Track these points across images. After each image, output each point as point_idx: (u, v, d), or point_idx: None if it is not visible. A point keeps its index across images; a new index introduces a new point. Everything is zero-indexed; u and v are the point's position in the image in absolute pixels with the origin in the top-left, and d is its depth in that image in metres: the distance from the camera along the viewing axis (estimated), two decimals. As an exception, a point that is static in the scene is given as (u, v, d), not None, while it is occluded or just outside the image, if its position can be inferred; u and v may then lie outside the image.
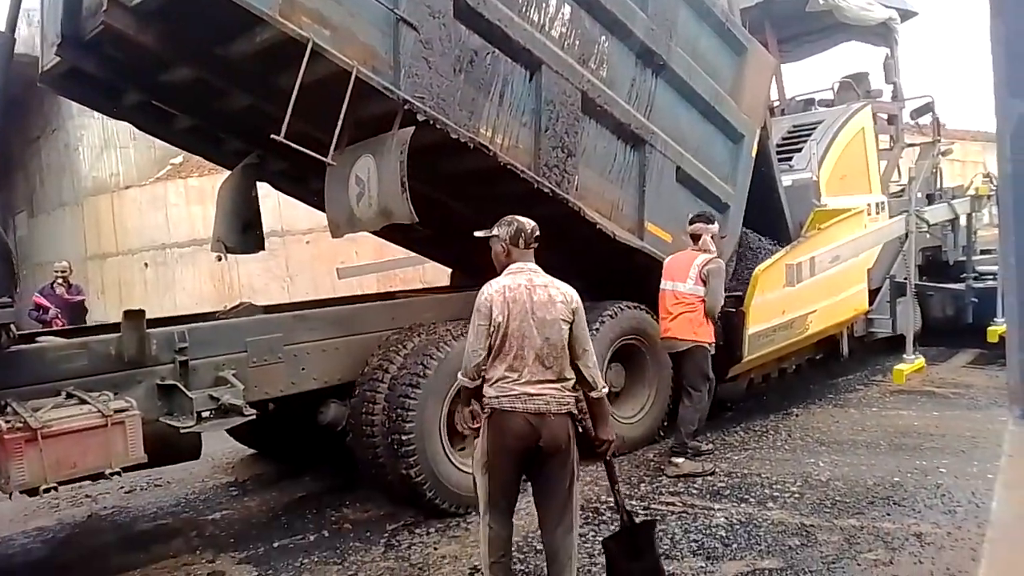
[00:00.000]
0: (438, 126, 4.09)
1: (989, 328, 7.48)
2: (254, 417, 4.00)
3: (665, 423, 5.74)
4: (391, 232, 6.12)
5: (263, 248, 5.66)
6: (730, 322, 5.61)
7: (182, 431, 3.80)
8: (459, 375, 3.23)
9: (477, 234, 3.40)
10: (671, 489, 4.84)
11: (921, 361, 6.27)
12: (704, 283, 5.11)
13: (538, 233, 3.28)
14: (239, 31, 3.80)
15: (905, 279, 6.97)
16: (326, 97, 3.76)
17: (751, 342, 5.60)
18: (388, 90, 3.87)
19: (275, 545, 4.40)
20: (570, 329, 3.11)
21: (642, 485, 4.95)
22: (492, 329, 3.07)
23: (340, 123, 3.73)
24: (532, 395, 3.05)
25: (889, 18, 8.20)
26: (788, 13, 7.87)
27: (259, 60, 4.03)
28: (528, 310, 3.06)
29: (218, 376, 4.07)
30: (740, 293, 5.77)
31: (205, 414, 3.87)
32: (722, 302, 5.17)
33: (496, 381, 3.09)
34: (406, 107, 3.94)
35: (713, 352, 5.22)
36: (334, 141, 3.77)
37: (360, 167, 4.15)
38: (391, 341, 4.58)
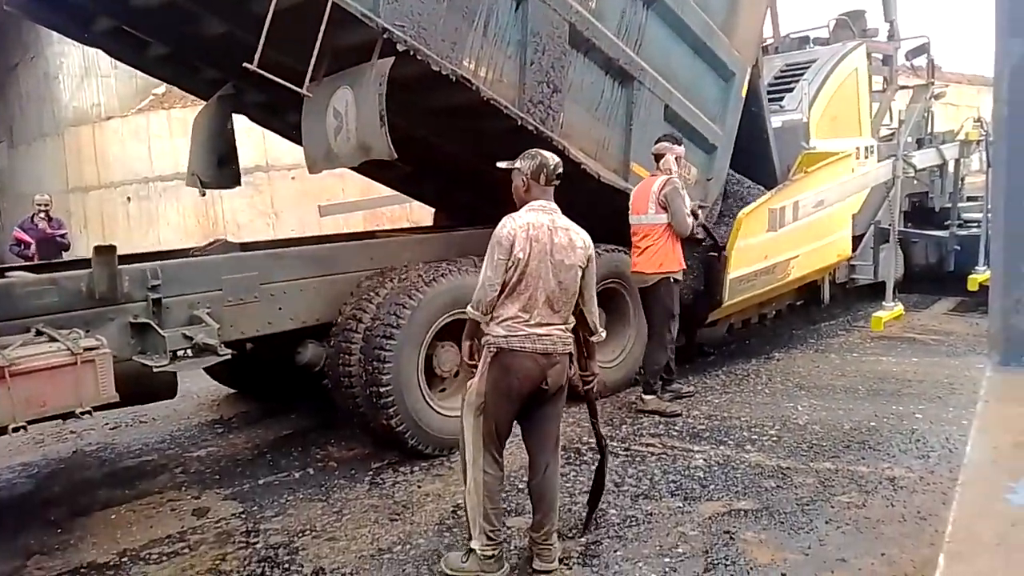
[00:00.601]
0: (419, 57, 3.91)
1: (970, 276, 7.49)
2: (229, 357, 3.94)
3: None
4: (371, 169, 5.98)
5: (239, 183, 5.50)
6: (711, 266, 5.55)
7: (155, 370, 3.72)
8: (469, 308, 3.13)
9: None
10: (652, 431, 4.89)
11: (900, 309, 6.27)
12: (665, 209, 4.99)
13: (561, 170, 3.20)
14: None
15: (890, 225, 6.92)
16: (302, 24, 3.58)
17: (732, 287, 5.55)
18: (367, 17, 3.68)
19: (260, 482, 4.40)
20: (583, 274, 3.11)
21: (623, 427, 4.99)
22: (511, 264, 3.00)
23: (316, 52, 3.55)
24: (540, 335, 3.02)
25: (891, -48, 7.96)
26: (785, -54, 7.61)
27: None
28: (548, 251, 3.02)
29: (192, 315, 3.97)
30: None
31: (179, 353, 3.81)
32: (690, 221, 5.02)
33: (505, 320, 3.02)
34: (385, 36, 3.76)
35: (679, 280, 5.13)
36: (309, 71, 3.60)
37: (338, 99, 3.99)
38: (364, 288, 4.48)
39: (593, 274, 3.19)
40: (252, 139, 7.67)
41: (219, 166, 5.27)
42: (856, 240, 7.53)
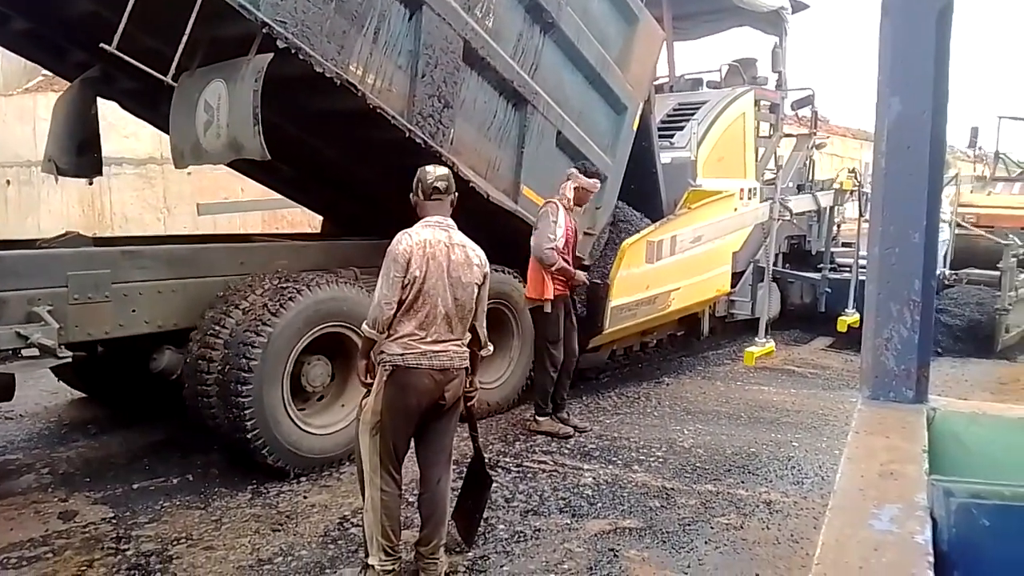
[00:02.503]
0: (301, 56, 3.74)
1: (840, 318, 7.87)
2: (69, 360, 3.64)
3: (525, 387, 5.73)
4: (250, 169, 5.74)
5: (100, 173, 5.13)
6: (594, 294, 5.60)
7: (-19, 370, 3.39)
8: (365, 326, 3.09)
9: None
10: (544, 448, 4.99)
11: (771, 346, 6.53)
12: None
13: (441, 184, 3.19)
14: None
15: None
16: (177, 10, 3.37)
17: (613, 314, 5.61)
18: (244, 8, 3.49)
19: (134, 486, 4.21)
20: (478, 291, 3.14)
21: (516, 443, 5.07)
22: (407, 282, 2.99)
23: (184, 40, 3.34)
24: (437, 352, 3.03)
25: (781, 7, 8.34)
26: (685, -11, 7.85)
27: (98, -41, 3.56)
28: (444, 268, 3.03)
29: (31, 312, 3.64)
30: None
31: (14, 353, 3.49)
32: (546, 245, 4.92)
33: (401, 337, 3.01)
34: (265, 30, 3.58)
35: (548, 310, 5.07)
36: (176, 59, 3.37)
37: (210, 93, 3.77)
38: (234, 288, 4.24)
39: (487, 290, 3.24)
40: (148, 129, 7.24)
41: (78, 153, 4.90)
42: (737, 277, 7.79)
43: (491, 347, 3.41)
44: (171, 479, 4.32)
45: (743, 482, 4.49)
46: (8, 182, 11.61)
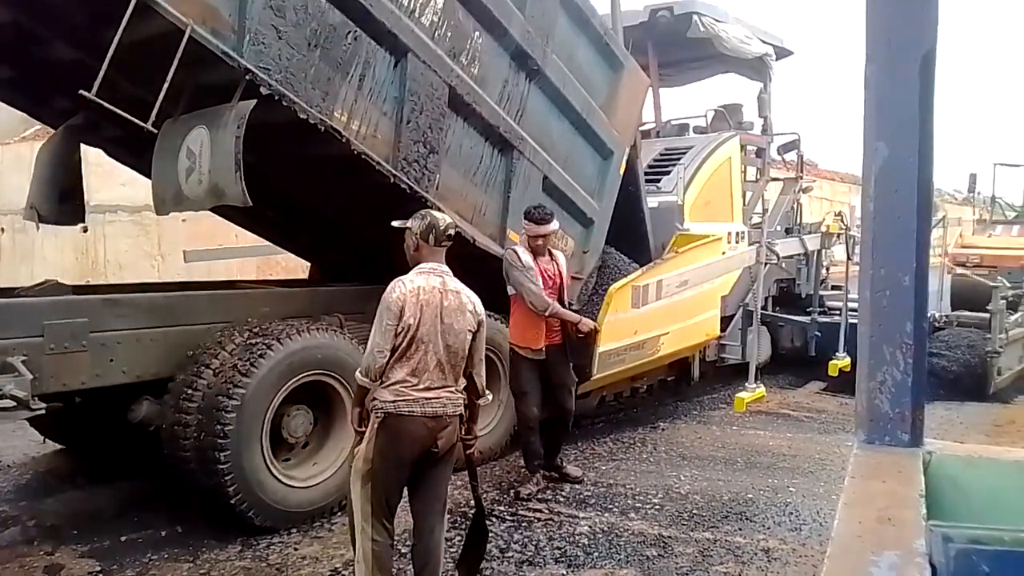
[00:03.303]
0: (285, 103, 3.74)
1: (830, 362, 7.81)
2: (42, 412, 3.56)
3: (514, 433, 5.59)
4: (236, 215, 5.70)
5: (83, 220, 5.08)
6: (582, 339, 5.52)
7: (-53, 422, 3.28)
8: (358, 373, 3.08)
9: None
10: (539, 496, 4.91)
11: (762, 391, 6.47)
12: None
13: (452, 232, 3.23)
14: (57, -29, 3.34)
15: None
16: (162, 57, 3.36)
17: (601, 360, 5.53)
18: (227, 56, 3.49)
19: (122, 539, 4.13)
20: (472, 338, 3.12)
21: (511, 491, 4.96)
22: (401, 329, 2.98)
23: (166, 86, 3.32)
24: (429, 399, 3.01)
25: (765, 54, 8.47)
26: (670, 37, 7.95)
27: (82, 7, 3.59)
28: (438, 315, 3.02)
29: (5, 362, 3.55)
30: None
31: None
32: (534, 291, 4.71)
33: (394, 384, 3.00)
34: (248, 77, 3.58)
35: (524, 356, 4.88)
36: (156, 106, 3.35)
37: (192, 139, 3.74)
38: (214, 336, 4.16)
39: (483, 339, 3.21)
40: (143, 177, 7.19)
41: (60, 200, 4.85)
42: (726, 321, 7.75)
43: (489, 396, 3.38)
44: (159, 531, 4.24)
45: (740, 529, 4.44)
46: (2, 230, 11.62)
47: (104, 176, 8.59)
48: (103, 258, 11.17)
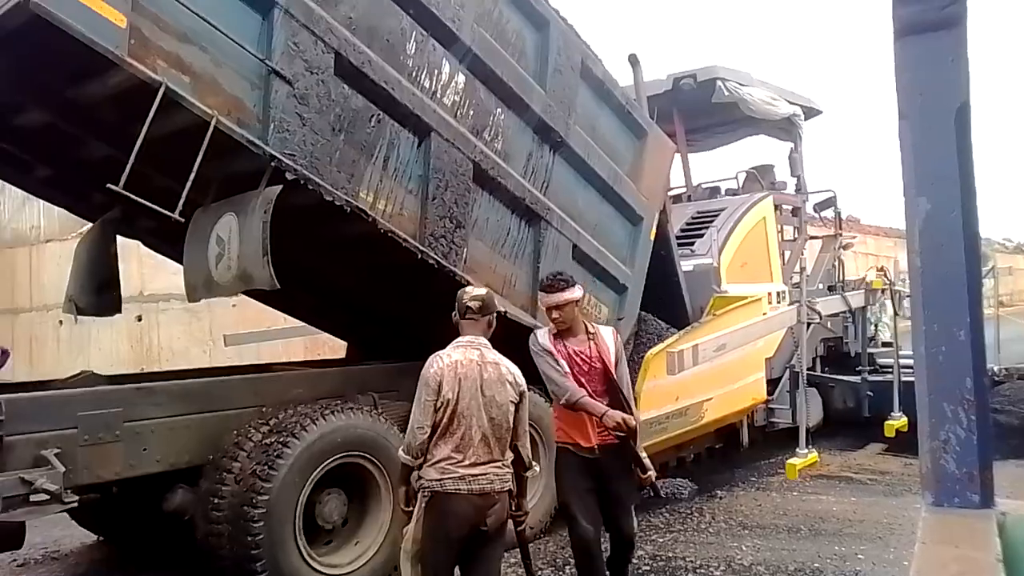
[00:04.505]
0: (310, 187, 3.80)
1: (886, 422, 7.49)
2: (76, 505, 3.53)
3: (557, 508, 5.37)
4: (270, 298, 5.75)
5: (119, 311, 5.17)
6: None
7: (-17, 519, 3.28)
8: (401, 452, 3.08)
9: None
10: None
11: (814, 456, 6.21)
12: None
13: (475, 304, 3.21)
14: (88, 73, 3.46)
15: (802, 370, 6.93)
16: (190, 149, 3.45)
17: (642, 429, 5.34)
18: (253, 144, 3.58)
19: None
20: (516, 410, 3.08)
21: (567, 567, 4.78)
22: (440, 404, 2.97)
23: (192, 176, 3.39)
24: (476, 476, 2.97)
25: (793, 114, 8.46)
26: (695, 104, 8.01)
27: (113, 106, 3.71)
28: (478, 387, 3.00)
29: (39, 455, 3.56)
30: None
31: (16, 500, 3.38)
32: (552, 377, 3.71)
33: (439, 461, 2.97)
34: (273, 164, 3.65)
35: (574, 454, 3.73)
36: (183, 195, 3.42)
37: (222, 226, 3.80)
38: (246, 421, 4.14)
39: (526, 410, 3.18)
40: None
41: (98, 292, 4.96)
42: (774, 384, 7.52)
43: (537, 468, 3.33)
44: None
45: None
46: (60, 322, 11.94)
47: (156, 267, 8.85)
48: (157, 345, 11.41)
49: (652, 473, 3.74)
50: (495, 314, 3.26)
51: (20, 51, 3.49)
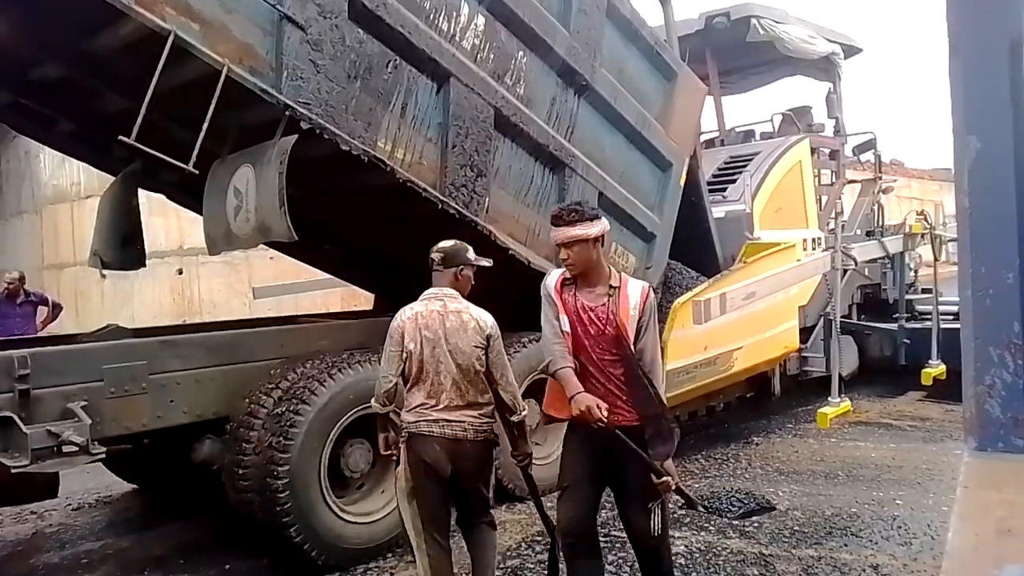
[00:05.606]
0: (326, 136, 3.72)
1: (923, 370, 7.33)
2: (103, 456, 3.59)
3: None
4: (294, 250, 5.76)
5: (144, 265, 5.21)
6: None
7: (13, 471, 3.34)
8: (372, 401, 3.25)
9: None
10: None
11: (847, 404, 6.10)
12: None
13: (437, 256, 3.34)
14: (100, 23, 3.41)
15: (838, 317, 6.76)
16: (204, 99, 3.38)
17: (669, 378, 5.28)
18: (266, 93, 3.49)
19: (227, 567, 4.27)
20: (485, 354, 3.13)
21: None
22: (404, 356, 3.13)
23: (205, 127, 3.33)
24: (450, 421, 3.09)
25: (832, 53, 8.12)
26: (729, 44, 7.71)
27: (126, 57, 3.63)
28: (441, 336, 3.11)
29: (66, 408, 3.61)
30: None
31: (44, 452, 3.44)
32: (545, 343, 3.11)
33: (416, 407, 3.14)
34: (288, 113, 3.57)
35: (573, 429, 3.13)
36: (196, 147, 3.37)
37: (239, 178, 3.76)
38: (270, 373, 4.15)
39: (500, 353, 3.20)
40: None
41: (122, 246, 4.99)
42: (807, 332, 7.37)
43: (525, 409, 3.28)
44: (245, 564, 4.32)
45: (846, 545, 4.26)
46: (103, 275, 12.16)
47: (194, 220, 8.86)
48: (198, 298, 11.64)
49: (669, 479, 2.87)
50: (463, 266, 3.31)
51: (32, 4, 3.45)
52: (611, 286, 3.03)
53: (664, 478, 2.86)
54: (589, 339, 2.99)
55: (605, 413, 2.83)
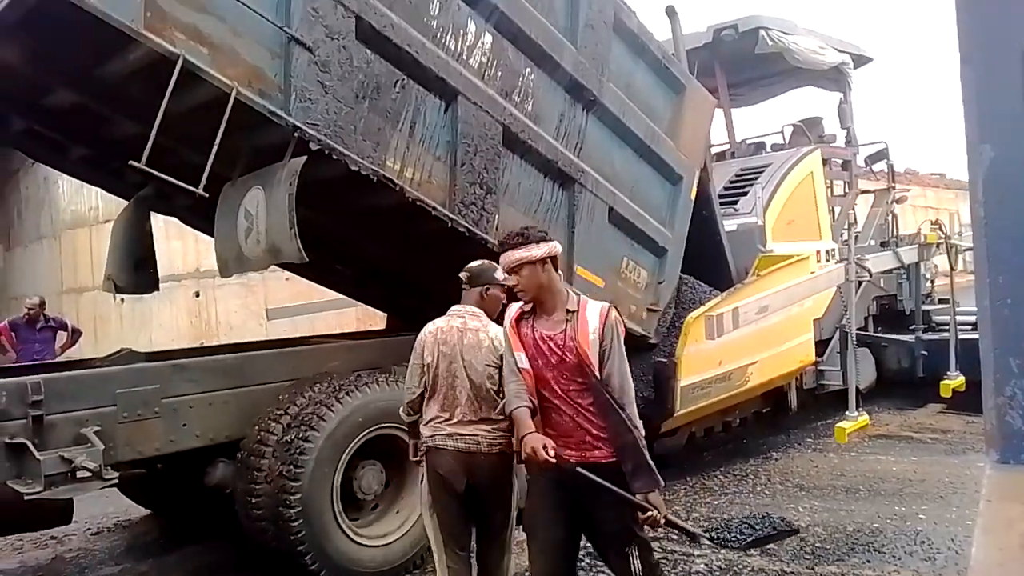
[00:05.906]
0: (335, 157, 3.73)
1: (942, 382, 7.22)
2: (116, 482, 3.59)
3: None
4: (307, 271, 5.76)
5: (157, 288, 5.22)
6: (661, 373, 5.25)
7: (26, 497, 3.34)
8: (400, 410, 3.37)
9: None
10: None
11: (865, 419, 6.01)
12: None
13: (464, 276, 3.38)
14: (110, 49, 3.43)
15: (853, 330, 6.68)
16: (213, 122, 3.40)
17: (683, 395, 5.24)
18: (275, 115, 3.51)
19: None
20: (498, 374, 3.12)
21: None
22: (424, 369, 3.21)
23: (214, 150, 3.35)
24: (463, 435, 3.12)
25: (842, 63, 8.11)
26: (738, 56, 7.70)
27: (136, 82, 3.66)
28: (458, 353, 3.17)
29: (79, 433, 3.61)
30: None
31: (58, 478, 3.44)
32: (504, 382, 3.01)
33: (430, 420, 3.19)
34: (297, 135, 3.58)
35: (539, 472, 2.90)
36: (206, 170, 3.38)
37: (249, 200, 3.77)
38: (278, 398, 4.14)
39: None
40: None
41: (136, 270, 5.00)
42: (823, 345, 7.29)
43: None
44: None
45: (869, 561, 4.22)
46: (122, 300, 12.24)
47: (211, 243, 8.94)
48: (215, 320, 11.68)
49: (654, 513, 2.65)
50: (489, 286, 3.31)
51: (43, 31, 3.47)
52: (568, 311, 2.84)
53: (649, 513, 2.64)
54: (551, 370, 2.80)
55: (552, 453, 2.61)
